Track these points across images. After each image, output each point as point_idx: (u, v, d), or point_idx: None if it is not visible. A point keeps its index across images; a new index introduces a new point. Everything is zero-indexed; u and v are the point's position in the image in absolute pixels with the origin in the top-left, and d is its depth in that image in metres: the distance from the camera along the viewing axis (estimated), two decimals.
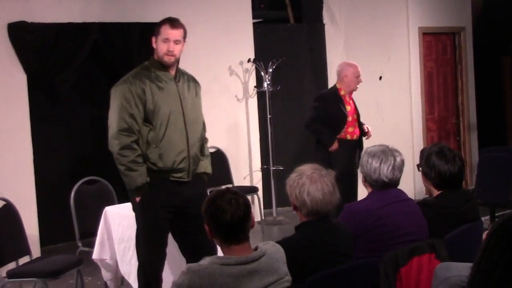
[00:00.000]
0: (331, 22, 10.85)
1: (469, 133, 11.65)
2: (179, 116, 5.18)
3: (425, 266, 3.97)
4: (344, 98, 8.00)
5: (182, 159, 5.17)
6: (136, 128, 5.06)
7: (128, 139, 5.03)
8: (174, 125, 5.15)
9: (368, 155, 4.39)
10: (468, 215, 4.51)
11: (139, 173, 5.06)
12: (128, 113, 5.04)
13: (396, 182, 4.35)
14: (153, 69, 5.20)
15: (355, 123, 8.01)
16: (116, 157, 5.08)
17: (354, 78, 7.96)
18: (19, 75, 7.88)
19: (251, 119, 10.01)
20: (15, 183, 7.79)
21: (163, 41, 5.16)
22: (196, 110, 5.36)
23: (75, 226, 6.74)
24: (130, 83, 5.08)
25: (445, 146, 4.64)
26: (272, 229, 9.55)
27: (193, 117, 5.30)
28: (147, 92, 5.08)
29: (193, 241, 5.29)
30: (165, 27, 5.19)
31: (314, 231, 3.75)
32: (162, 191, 5.17)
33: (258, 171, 10.12)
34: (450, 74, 11.55)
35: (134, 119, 5.05)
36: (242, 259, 3.21)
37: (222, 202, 3.28)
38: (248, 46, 9.94)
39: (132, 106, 5.04)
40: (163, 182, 5.17)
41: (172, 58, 5.18)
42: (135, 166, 5.05)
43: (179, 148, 5.16)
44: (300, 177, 3.79)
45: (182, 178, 5.22)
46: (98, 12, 8.43)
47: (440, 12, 11.14)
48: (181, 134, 5.18)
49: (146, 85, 5.09)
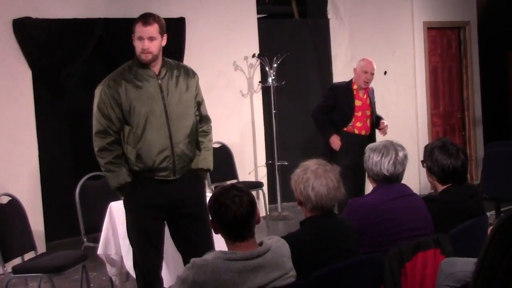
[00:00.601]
0: (336, 17, 10.84)
1: (474, 128, 11.64)
2: (161, 114, 5.04)
3: (430, 261, 3.97)
4: (357, 92, 8.01)
5: (163, 158, 5.05)
6: (113, 130, 5.00)
7: (104, 141, 5.00)
8: (153, 124, 5.02)
9: (370, 149, 4.40)
10: (473, 210, 4.50)
11: (117, 174, 5.02)
12: (103, 115, 5.00)
13: (398, 177, 4.34)
14: (134, 68, 5.10)
15: (365, 119, 8.01)
16: (97, 158, 5.10)
17: (361, 73, 7.94)
18: (24, 71, 7.89)
19: (256, 115, 10.01)
20: (20, 178, 7.80)
21: (138, 39, 5.06)
22: (184, 105, 5.17)
23: (80, 221, 6.74)
24: (108, 86, 5.02)
25: (448, 141, 4.64)
26: (277, 224, 9.56)
27: (179, 113, 5.13)
28: (121, 93, 4.98)
29: (188, 240, 5.27)
30: (138, 25, 5.06)
31: (319, 226, 3.75)
32: (147, 190, 5.11)
33: (263, 166, 10.12)
34: (455, 68, 11.53)
35: (110, 120, 4.99)
36: (247, 255, 3.22)
37: (225, 200, 3.27)
38: (253, 41, 9.94)
39: (107, 107, 4.98)
40: (147, 182, 5.09)
41: (149, 55, 5.04)
42: (112, 167, 5.02)
43: (160, 147, 5.03)
44: (304, 172, 3.79)
45: (168, 177, 5.11)
46: (102, 8, 8.43)
47: (445, 6, 11.12)
48: (162, 132, 5.05)
49: (121, 86, 5.00)
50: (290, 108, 10.55)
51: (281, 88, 10.05)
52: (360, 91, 8.02)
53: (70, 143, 9.06)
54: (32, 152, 7.98)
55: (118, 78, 5.05)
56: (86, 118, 9.04)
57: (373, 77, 8.02)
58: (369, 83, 8.01)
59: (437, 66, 11.22)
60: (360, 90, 8.02)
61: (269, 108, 10.01)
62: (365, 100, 8.05)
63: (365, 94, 8.05)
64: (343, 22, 10.80)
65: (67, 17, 8.13)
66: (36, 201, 7.91)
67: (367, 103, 8.05)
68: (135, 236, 5.23)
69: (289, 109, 10.52)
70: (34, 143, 7.99)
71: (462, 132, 11.62)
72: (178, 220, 5.23)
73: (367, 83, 7.99)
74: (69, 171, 8.78)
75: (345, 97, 8.00)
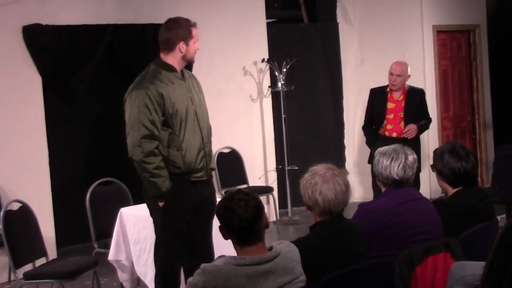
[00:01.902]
0: (345, 21, 10.84)
1: (485, 131, 11.60)
2: (193, 115, 5.22)
3: (440, 265, 3.96)
4: (391, 94, 8.05)
5: (201, 158, 5.23)
6: (156, 134, 5.05)
7: (151, 146, 5.02)
8: (190, 125, 5.18)
9: (379, 154, 4.40)
10: (483, 213, 4.49)
11: (164, 179, 5.05)
12: (148, 119, 5.02)
13: (408, 180, 4.34)
14: (162, 71, 5.20)
15: (398, 121, 8.00)
16: (140, 165, 5.04)
17: (388, 75, 8.01)
18: (34, 77, 7.91)
19: (266, 119, 10.01)
20: (31, 184, 7.82)
21: (194, 43, 5.31)
22: (203, 106, 5.41)
23: (91, 227, 6.75)
24: (147, 88, 5.06)
25: (458, 144, 4.64)
26: (287, 229, 9.54)
27: (202, 113, 5.34)
28: (165, 95, 5.08)
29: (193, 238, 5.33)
30: (195, 29, 5.33)
31: (328, 230, 3.75)
32: (185, 193, 5.19)
33: (273, 171, 10.12)
34: (465, 72, 11.49)
35: (154, 125, 5.03)
36: (256, 260, 3.22)
37: (231, 204, 3.28)
38: (262, 46, 9.94)
39: (151, 112, 5.02)
40: (185, 184, 5.19)
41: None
42: (160, 172, 5.04)
43: (198, 148, 5.21)
44: (312, 177, 3.80)
45: (202, 177, 5.27)
46: (112, 14, 8.45)
47: (454, 10, 11.09)
48: (197, 133, 5.22)
49: (162, 88, 5.09)
50: (300, 113, 10.55)
51: (291, 93, 10.04)
52: (395, 93, 8.04)
53: (80, 149, 9.08)
54: (43, 158, 7.99)
55: (154, 80, 5.12)
56: (96, 123, 9.12)
57: (401, 78, 7.97)
58: (396, 85, 7.97)
59: (447, 70, 11.19)
60: (394, 92, 8.03)
61: (278, 112, 10.01)
62: (400, 102, 8.04)
63: (402, 95, 8.04)
64: (352, 26, 10.80)
65: (77, 23, 8.14)
66: (46, 207, 7.93)
67: (401, 105, 8.02)
68: (169, 242, 5.26)
69: (299, 113, 10.52)
70: (45, 149, 8.01)
71: (473, 135, 11.58)
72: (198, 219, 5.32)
73: (393, 85, 7.99)
74: (79, 177, 8.80)
75: (377, 100, 8.14)
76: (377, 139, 7.95)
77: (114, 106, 9.12)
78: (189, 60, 5.32)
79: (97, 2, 8.37)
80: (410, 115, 8.00)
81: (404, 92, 8.04)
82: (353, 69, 10.76)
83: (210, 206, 5.24)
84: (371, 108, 8.22)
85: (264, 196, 9.40)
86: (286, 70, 9.82)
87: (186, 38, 5.24)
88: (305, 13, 11.10)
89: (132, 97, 5.09)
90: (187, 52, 5.24)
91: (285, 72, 9.82)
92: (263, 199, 9.50)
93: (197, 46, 5.34)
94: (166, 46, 5.25)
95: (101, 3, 8.39)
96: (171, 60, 5.24)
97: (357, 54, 10.74)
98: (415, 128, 7.93)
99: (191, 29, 5.27)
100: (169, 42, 5.23)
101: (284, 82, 9.84)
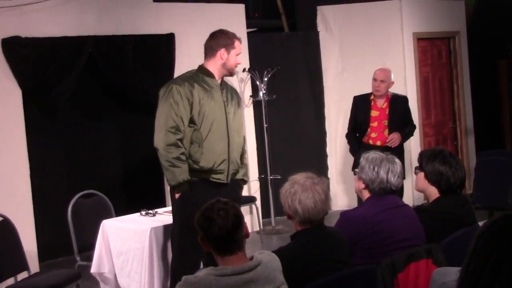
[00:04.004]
0: (326, 30, 10.87)
1: (466, 137, 11.64)
2: (223, 121, 5.47)
3: (422, 271, 3.97)
4: (374, 102, 8.07)
5: (222, 160, 5.43)
6: (182, 128, 5.33)
7: (175, 137, 5.31)
8: (216, 128, 5.42)
9: (371, 163, 4.34)
10: (464, 219, 4.51)
11: (182, 170, 5.30)
12: (175, 112, 5.31)
13: (397, 187, 4.39)
14: (201, 75, 5.51)
15: (382, 129, 8.02)
16: (162, 152, 5.33)
17: (372, 81, 8.05)
18: (14, 90, 7.86)
19: (248, 129, 10.00)
20: (12, 198, 7.77)
21: (236, 55, 5.56)
22: (238, 119, 5.66)
23: (73, 240, 6.72)
24: (179, 84, 5.39)
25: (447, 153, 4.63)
26: (271, 238, 9.53)
27: (236, 126, 5.59)
28: (195, 94, 5.37)
29: None
30: (238, 43, 5.61)
31: (309, 239, 3.75)
32: (201, 191, 5.35)
33: (256, 180, 10.11)
34: (446, 78, 11.54)
35: (181, 118, 5.33)
36: (238, 269, 3.21)
37: (210, 213, 3.29)
38: (243, 55, 9.85)
39: (179, 106, 5.33)
40: (203, 182, 5.41)
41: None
42: (179, 163, 5.29)
43: (220, 151, 5.43)
44: (292, 186, 3.81)
45: (222, 180, 5.47)
46: (92, 25, 8.42)
47: (434, 17, 11.15)
48: (223, 137, 5.46)
49: (194, 87, 5.39)
50: (282, 122, 10.55)
51: (272, 102, 10.05)
52: (378, 101, 8.05)
53: (61, 161, 9.03)
54: (24, 171, 7.94)
55: (190, 80, 5.46)
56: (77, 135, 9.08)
57: (384, 84, 7.99)
58: (380, 91, 7.99)
59: (428, 77, 11.23)
60: (377, 100, 8.04)
61: (260, 122, 10.01)
62: (384, 110, 8.05)
63: (385, 103, 8.05)
64: (333, 34, 10.83)
65: (57, 35, 8.11)
66: (28, 220, 7.87)
67: (385, 113, 8.04)
68: (181, 236, 5.42)
69: (281, 122, 10.52)
70: (26, 162, 7.96)
71: (454, 141, 11.62)
72: None
73: (377, 91, 8.00)
74: (61, 190, 8.75)
75: (362, 108, 8.15)
76: (360, 147, 7.92)
77: (95, 118, 9.13)
78: (229, 69, 5.57)
79: (77, 14, 8.34)
80: (394, 123, 8.01)
81: (387, 100, 8.05)
82: (334, 77, 10.77)
83: None
84: (355, 116, 8.22)
85: (247, 206, 9.38)
86: (267, 79, 9.83)
87: (228, 46, 5.55)
88: (286, 22, 11.11)
89: (165, 91, 5.43)
90: (227, 60, 5.53)
91: (266, 81, 9.83)
92: (246, 209, 9.49)
93: (239, 60, 5.61)
94: (209, 52, 5.61)
95: (81, 15, 8.36)
96: (211, 66, 5.57)
97: (338, 62, 10.77)
98: (398, 137, 7.94)
99: (234, 40, 5.60)
100: (212, 48, 5.59)
101: (265, 92, 9.85)
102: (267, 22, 11.21)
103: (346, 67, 10.64)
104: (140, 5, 8.82)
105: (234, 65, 5.58)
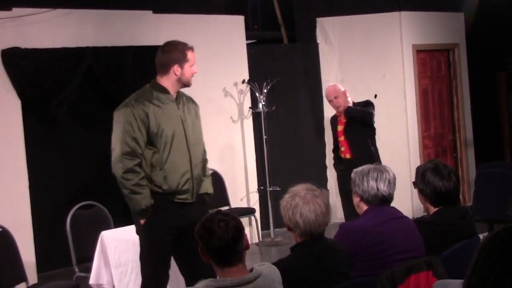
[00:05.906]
0: (325, 42, 10.88)
1: (466, 149, 11.64)
2: (182, 137, 5.24)
3: (422, 283, 3.95)
4: (339, 118, 8.21)
5: (186, 180, 5.22)
6: (139, 152, 5.10)
7: (131, 163, 5.07)
8: (177, 147, 5.20)
9: (360, 174, 4.38)
10: (464, 231, 4.50)
11: (143, 196, 5.08)
12: (131, 136, 5.08)
13: (392, 197, 4.36)
14: (155, 92, 5.25)
15: (347, 142, 8.19)
16: (120, 180, 5.11)
17: (329, 103, 8.37)
18: (13, 101, 7.86)
19: (247, 140, 10.00)
20: (10, 209, 7.75)
21: (190, 66, 5.35)
22: (197, 131, 5.43)
23: (72, 251, 6.71)
24: (133, 107, 5.13)
25: (440, 162, 4.64)
26: (270, 250, 9.51)
27: (195, 138, 5.36)
28: (150, 115, 5.12)
29: (192, 263, 5.28)
30: (190, 53, 5.39)
31: (309, 251, 3.74)
32: (167, 213, 5.19)
33: (255, 192, 10.09)
34: (445, 90, 11.54)
35: (137, 142, 5.09)
36: (237, 281, 3.19)
37: (211, 225, 3.26)
38: (243, 67, 9.94)
39: (135, 129, 5.09)
40: (168, 204, 5.20)
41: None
42: (139, 189, 5.07)
43: (183, 170, 5.21)
44: (293, 198, 3.79)
45: (187, 200, 5.27)
46: (91, 37, 8.43)
47: (433, 29, 11.16)
48: (184, 155, 5.23)
49: (149, 108, 5.14)
50: (281, 134, 10.54)
51: (272, 114, 10.05)
52: (341, 116, 8.23)
53: (60, 172, 9.01)
54: (22, 182, 7.93)
55: (142, 100, 5.19)
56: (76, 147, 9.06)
57: (338, 99, 8.11)
58: (340, 107, 8.13)
59: (427, 89, 11.24)
60: (341, 115, 8.23)
61: (259, 133, 10.01)
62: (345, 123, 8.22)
63: (346, 118, 8.18)
64: (332, 46, 10.84)
65: (56, 47, 8.11)
66: (26, 231, 7.85)
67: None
68: (150, 259, 5.26)
69: (280, 134, 10.52)
70: (24, 173, 7.95)
71: (454, 153, 11.62)
72: (190, 243, 5.23)
73: (338, 108, 8.17)
74: (60, 201, 8.73)
75: (333, 125, 8.43)
76: (340, 162, 8.27)
77: (94, 129, 9.10)
78: (185, 83, 5.35)
79: (77, 25, 8.35)
80: (350, 129, 8.11)
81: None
82: None
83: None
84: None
85: (246, 217, 9.36)
86: (266, 91, 9.83)
87: (181, 61, 5.30)
88: (285, 34, 11.13)
89: (119, 115, 5.20)
90: (182, 75, 5.29)
91: (266, 92, 9.83)
92: (245, 221, 9.46)
93: (194, 70, 5.37)
94: (161, 69, 5.32)
95: (80, 26, 8.37)
96: (165, 82, 5.30)
97: (337, 74, 10.77)
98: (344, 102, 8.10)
99: (186, 53, 5.34)
100: (164, 64, 5.30)
101: (264, 103, 9.84)
102: (267, 34, 11.23)
103: (345, 78, 10.63)
104: (140, 17, 8.83)
105: (190, 77, 5.37)
